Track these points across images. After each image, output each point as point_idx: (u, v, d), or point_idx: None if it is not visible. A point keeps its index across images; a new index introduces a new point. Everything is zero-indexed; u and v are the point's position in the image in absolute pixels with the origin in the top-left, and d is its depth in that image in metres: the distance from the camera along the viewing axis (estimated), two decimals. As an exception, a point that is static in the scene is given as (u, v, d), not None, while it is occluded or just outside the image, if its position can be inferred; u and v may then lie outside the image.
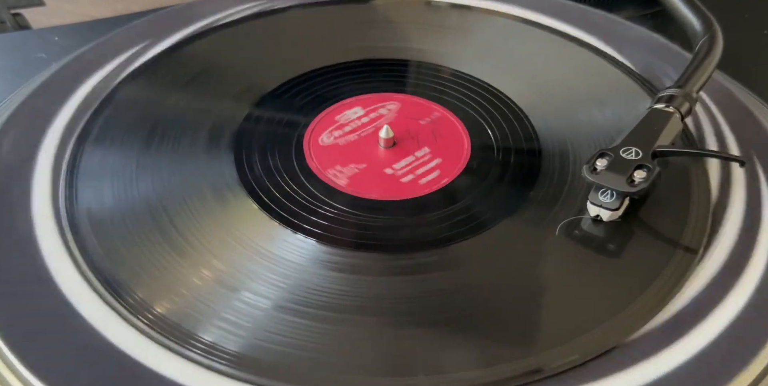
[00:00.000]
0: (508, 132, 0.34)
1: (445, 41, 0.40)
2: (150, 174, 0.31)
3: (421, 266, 0.28)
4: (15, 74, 0.39)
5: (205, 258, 0.28)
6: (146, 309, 0.26)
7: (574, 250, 0.28)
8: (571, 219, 0.29)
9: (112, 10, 0.46)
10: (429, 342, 0.25)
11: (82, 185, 0.30)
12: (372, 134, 0.34)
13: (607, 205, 0.28)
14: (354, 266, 0.28)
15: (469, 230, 0.29)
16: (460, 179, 0.32)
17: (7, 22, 0.43)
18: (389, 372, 0.24)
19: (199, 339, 0.25)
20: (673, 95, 0.31)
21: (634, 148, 0.29)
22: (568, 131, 0.34)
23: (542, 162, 0.32)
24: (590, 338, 0.25)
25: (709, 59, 0.33)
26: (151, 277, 0.27)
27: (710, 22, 0.35)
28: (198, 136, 0.33)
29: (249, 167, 0.32)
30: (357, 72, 0.38)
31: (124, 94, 0.35)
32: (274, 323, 0.26)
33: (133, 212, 0.29)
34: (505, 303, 0.27)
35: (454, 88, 0.37)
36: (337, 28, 0.41)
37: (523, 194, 0.31)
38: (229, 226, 0.29)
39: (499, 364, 0.25)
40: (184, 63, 0.37)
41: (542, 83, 0.37)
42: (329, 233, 0.29)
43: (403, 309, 0.26)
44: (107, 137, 0.33)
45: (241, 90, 0.36)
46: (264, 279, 0.27)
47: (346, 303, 0.26)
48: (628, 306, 0.26)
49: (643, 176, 0.28)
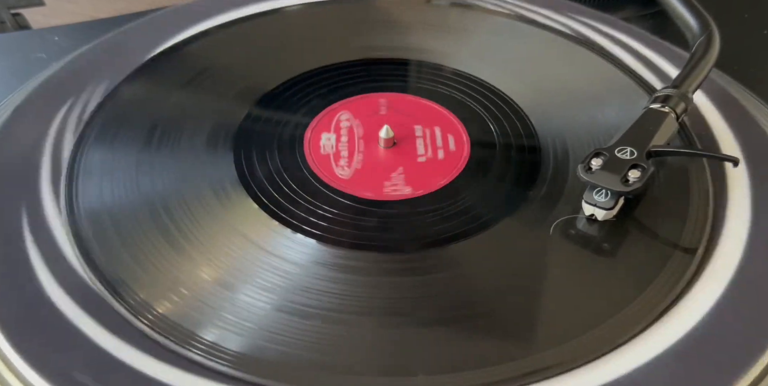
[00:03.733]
0: (507, 131, 0.34)
1: (445, 40, 0.40)
2: (150, 174, 0.31)
3: (420, 266, 0.28)
4: (15, 74, 0.39)
5: (205, 258, 0.28)
6: (146, 309, 0.26)
7: (574, 250, 0.29)
8: (565, 218, 0.29)
9: (112, 10, 0.46)
10: (429, 342, 0.25)
11: (81, 185, 0.30)
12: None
13: (602, 204, 0.28)
14: (354, 266, 0.28)
15: (469, 229, 0.29)
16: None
17: (7, 22, 0.43)
18: (389, 372, 0.25)
19: (199, 340, 0.25)
20: (668, 95, 0.31)
21: (629, 147, 0.29)
22: (568, 130, 0.34)
23: (542, 161, 0.32)
24: (590, 338, 0.25)
25: (706, 60, 0.33)
26: (150, 277, 0.27)
27: (707, 23, 0.35)
28: (198, 136, 0.33)
29: (249, 166, 0.32)
30: (357, 71, 0.38)
31: (124, 94, 0.35)
32: (274, 323, 0.26)
33: (133, 212, 0.30)
34: (504, 303, 0.27)
35: (454, 87, 0.37)
36: (337, 27, 0.41)
37: (523, 193, 0.31)
38: (228, 226, 0.29)
39: (498, 364, 0.25)
40: (184, 63, 0.38)
41: (542, 82, 0.37)
42: (329, 233, 0.29)
43: (402, 309, 0.26)
44: (107, 137, 0.33)
45: (241, 89, 0.36)
46: (264, 279, 0.27)
47: (346, 303, 0.27)
48: (627, 306, 0.26)
49: (637, 176, 0.28)
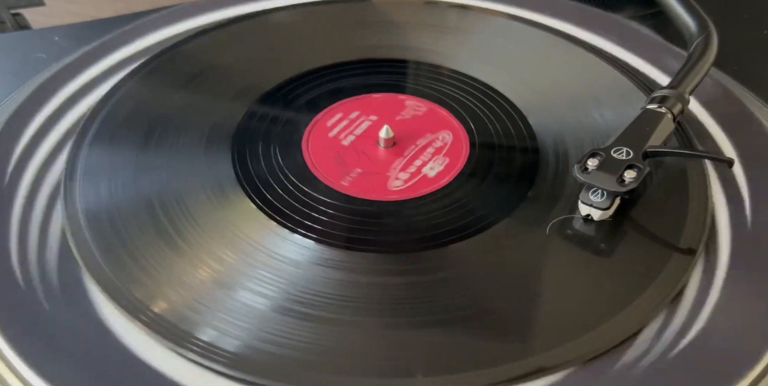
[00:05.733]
0: (506, 132, 0.34)
1: (443, 41, 0.40)
2: (148, 174, 0.31)
3: (419, 266, 0.28)
4: (15, 74, 0.39)
5: (203, 258, 0.28)
6: (144, 308, 0.26)
7: (573, 251, 0.29)
8: (562, 218, 0.30)
9: (112, 10, 0.46)
10: (427, 342, 0.25)
11: (80, 185, 0.31)
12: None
13: (598, 204, 0.29)
14: (352, 266, 0.28)
15: (468, 230, 0.29)
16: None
17: (7, 22, 0.43)
18: (387, 372, 0.25)
19: (197, 339, 0.25)
20: (665, 96, 0.31)
21: (625, 148, 0.29)
22: (567, 130, 0.34)
23: (540, 162, 0.32)
24: (590, 338, 0.25)
25: (704, 60, 0.33)
26: (148, 277, 0.27)
27: (706, 23, 0.35)
28: (197, 135, 0.33)
29: (247, 166, 0.32)
30: (355, 72, 0.38)
31: (123, 94, 0.35)
32: (271, 323, 0.26)
33: (131, 212, 0.30)
34: (503, 303, 0.27)
35: (453, 88, 0.37)
36: (336, 27, 0.41)
37: (522, 194, 0.31)
38: (227, 226, 0.29)
39: (498, 365, 0.25)
40: (184, 63, 0.38)
41: (541, 83, 0.37)
42: (327, 233, 0.29)
43: (401, 309, 0.27)
44: (106, 137, 0.33)
45: (240, 89, 0.36)
46: (262, 279, 0.27)
47: (344, 303, 0.27)
48: (627, 306, 0.26)
49: (633, 176, 0.28)
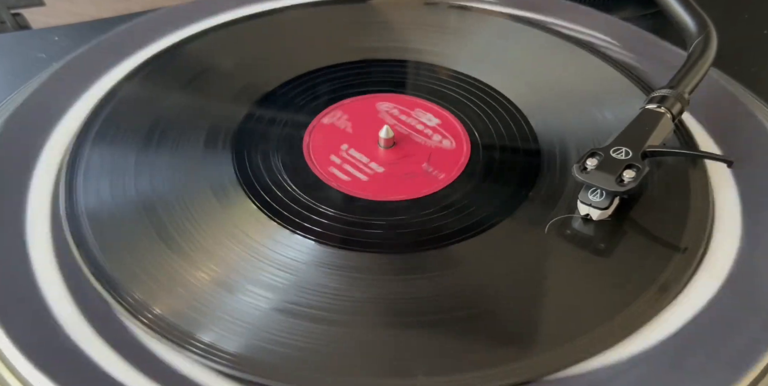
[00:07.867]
0: (506, 132, 0.34)
1: (443, 41, 0.40)
2: (149, 174, 0.31)
3: (420, 266, 0.28)
4: (15, 74, 0.39)
5: (204, 258, 0.28)
6: (145, 308, 0.26)
7: (573, 251, 0.29)
8: (561, 217, 0.30)
9: (112, 10, 0.46)
10: (428, 343, 0.25)
11: (81, 185, 0.31)
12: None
13: (597, 204, 0.29)
14: (353, 266, 0.28)
15: (468, 230, 0.29)
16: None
17: (7, 22, 0.43)
18: (388, 373, 0.25)
19: (198, 340, 0.25)
20: (665, 96, 0.31)
21: (624, 148, 0.29)
22: (567, 130, 0.34)
23: (541, 162, 0.33)
24: (589, 339, 0.25)
25: (703, 60, 0.33)
26: (149, 277, 0.27)
27: (705, 23, 0.35)
28: (197, 136, 0.33)
29: (248, 167, 0.32)
30: (356, 72, 0.38)
31: (124, 94, 0.35)
32: (272, 323, 0.26)
33: (132, 212, 0.30)
34: (504, 303, 0.27)
35: (453, 89, 0.37)
36: (337, 28, 0.41)
37: (522, 194, 0.31)
38: (227, 226, 0.29)
39: (498, 365, 0.25)
40: (184, 63, 0.38)
41: (541, 83, 0.37)
42: (328, 233, 0.29)
43: (401, 309, 0.27)
44: (107, 137, 0.33)
45: (240, 90, 0.36)
46: (262, 280, 0.27)
47: (345, 303, 0.27)
48: (627, 306, 0.26)
49: (632, 176, 0.28)
